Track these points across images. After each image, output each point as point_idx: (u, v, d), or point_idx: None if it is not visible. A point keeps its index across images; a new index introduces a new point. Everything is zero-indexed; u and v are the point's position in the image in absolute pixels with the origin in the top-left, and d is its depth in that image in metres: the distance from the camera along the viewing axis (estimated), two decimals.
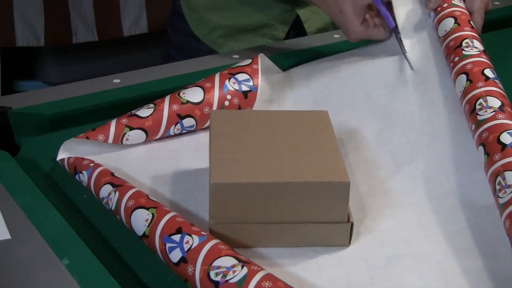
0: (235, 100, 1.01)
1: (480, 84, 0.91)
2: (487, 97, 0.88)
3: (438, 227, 0.82)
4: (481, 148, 0.84)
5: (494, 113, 0.86)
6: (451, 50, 0.99)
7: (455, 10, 1.05)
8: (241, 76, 1.03)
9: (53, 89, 1.11)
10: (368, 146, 0.96)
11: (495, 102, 0.87)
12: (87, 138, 0.93)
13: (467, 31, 1.00)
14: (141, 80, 1.12)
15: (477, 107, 0.88)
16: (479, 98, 0.89)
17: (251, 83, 1.02)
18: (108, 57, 2.59)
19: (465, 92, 0.92)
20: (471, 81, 0.92)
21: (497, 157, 0.80)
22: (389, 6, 1.08)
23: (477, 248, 0.78)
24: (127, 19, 2.48)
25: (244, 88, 1.02)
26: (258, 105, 1.03)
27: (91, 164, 0.90)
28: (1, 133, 1.00)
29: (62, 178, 0.91)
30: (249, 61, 1.06)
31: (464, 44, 0.98)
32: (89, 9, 2.40)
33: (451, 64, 0.97)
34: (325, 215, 0.78)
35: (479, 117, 0.87)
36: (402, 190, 0.88)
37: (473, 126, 0.87)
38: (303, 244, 0.79)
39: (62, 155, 0.94)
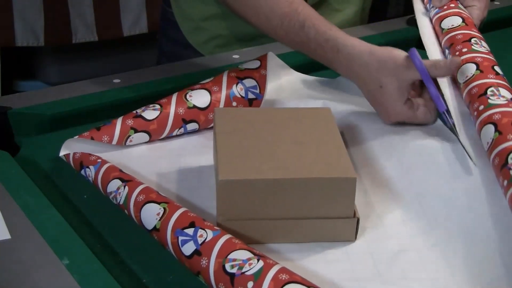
0: (240, 107, 1.01)
1: (491, 76, 0.92)
2: (499, 88, 0.89)
3: (444, 219, 0.82)
4: (490, 126, 0.84)
5: (507, 102, 0.87)
6: (459, 42, 0.99)
7: (462, 12, 1.06)
8: (248, 82, 1.02)
9: (53, 89, 1.11)
10: (372, 141, 0.96)
11: (507, 94, 0.89)
12: (92, 138, 0.93)
13: (475, 32, 1.02)
14: (141, 80, 1.12)
15: (489, 92, 0.89)
16: (491, 86, 0.90)
17: (257, 91, 1.02)
18: (108, 57, 2.59)
19: (475, 78, 0.92)
20: (482, 71, 0.93)
21: (511, 136, 0.81)
22: (437, 85, 0.94)
23: (484, 239, 0.78)
24: (127, 19, 2.48)
25: (250, 95, 1.01)
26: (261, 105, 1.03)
27: (99, 160, 0.90)
28: (1, 133, 1.00)
29: (62, 178, 0.91)
30: (258, 63, 1.05)
31: (473, 41, 0.99)
32: (89, 9, 2.40)
33: (457, 53, 0.98)
34: (331, 211, 0.78)
35: (490, 101, 0.87)
36: (407, 184, 0.88)
37: (482, 107, 0.87)
38: (310, 240, 0.80)
39: (64, 151, 0.94)
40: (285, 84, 1.08)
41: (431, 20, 1.10)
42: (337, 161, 0.80)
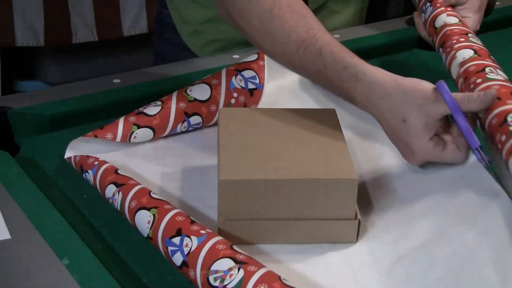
0: (241, 98, 1.01)
1: (488, 60, 0.93)
2: (497, 70, 0.91)
3: (446, 221, 0.82)
4: None
5: (505, 79, 0.88)
6: (456, 33, 1.00)
7: (458, 15, 1.06)
8: (247, 73, 1.03)
9: (53, 89, 1.12)
10: (376, 143, 0.96)
11: (504, 75, 0.90)
12: (96, 136, 0.93)
13: (471, 32, 1.02)
14: (141, 80, 1.12)
15: (487, 70, 0.90)
16: (489, 66, 0.91)
17: (257, 81, 1.02)
18: (108, 57, 2.59)
19: (471, 59, 0.93)
20: (479, 55, 0.94)
21: (510, 102, 0.82)
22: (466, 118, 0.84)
23: (486, 240, 0.78)
24: (127, 19, 2.48)
25: (250, 86, 1.02)
26: (263, 105, 1.03)
27: (96, 163, 0.90)
28: (1, 133, 1.00)
29: (62, 178, 0.91)
30: (255, 56, 1.06)
31: (470, 35, 1.01)
32: (89, 9, 2.40)
33: (454, 41, 0.99)
34: (332, 212, 0.78)
35: (489, 76, 0.88)
36: (408, 186, 0.88)
37: (479, 80, 0.88)
38: (310, 241, 0.80)
39: (69, 153, 0.94)
40: (286, 84, 1.08)
41: (425, 21, 1.10)
42: (339, 162, 0.79)
